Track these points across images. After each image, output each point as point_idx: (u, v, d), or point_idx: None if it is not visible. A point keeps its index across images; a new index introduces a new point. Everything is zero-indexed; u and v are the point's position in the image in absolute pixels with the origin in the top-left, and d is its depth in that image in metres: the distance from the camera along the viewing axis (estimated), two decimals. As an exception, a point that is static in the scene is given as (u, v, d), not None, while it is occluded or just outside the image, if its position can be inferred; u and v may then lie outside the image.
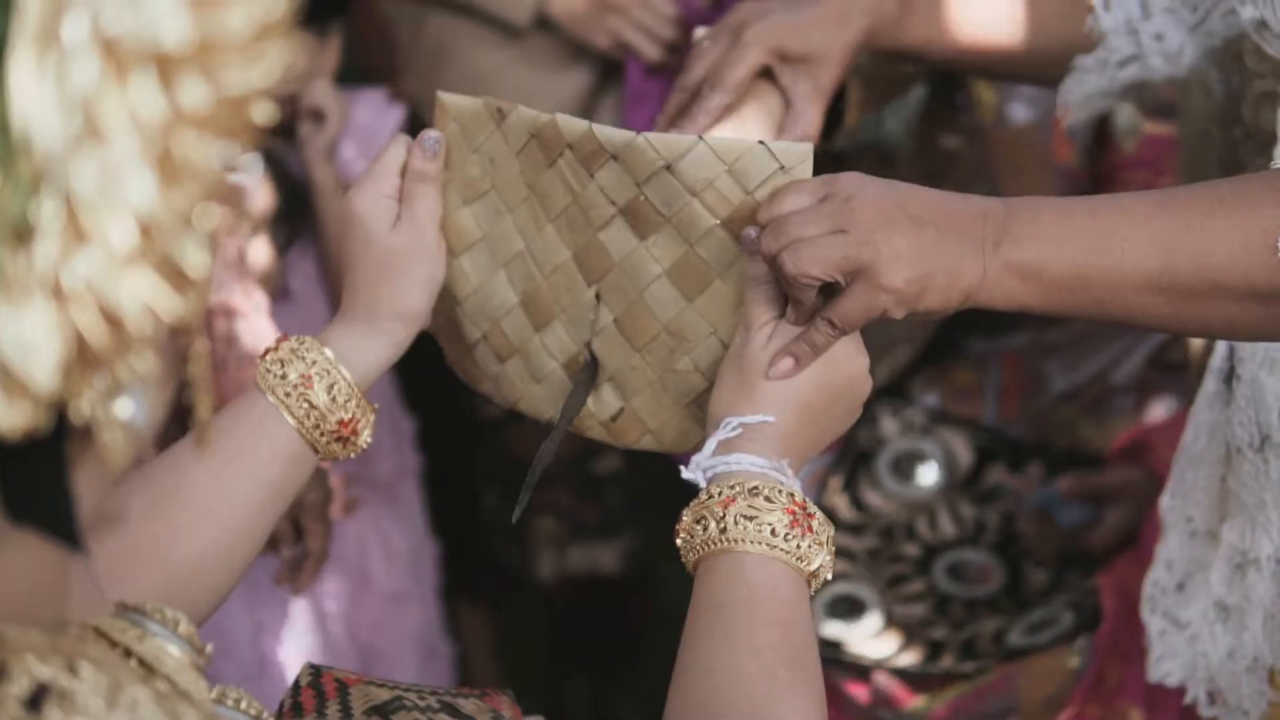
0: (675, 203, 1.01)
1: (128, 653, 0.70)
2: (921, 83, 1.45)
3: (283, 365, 1.02)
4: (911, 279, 0.92)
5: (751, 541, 0.90)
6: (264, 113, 0.55)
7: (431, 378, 2.07)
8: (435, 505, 2.13)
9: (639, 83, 2.02)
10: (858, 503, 1.81)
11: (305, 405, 1.02)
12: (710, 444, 0.95)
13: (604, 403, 1.10)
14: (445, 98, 1.11)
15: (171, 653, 0.72)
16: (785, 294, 0.97)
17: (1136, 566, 1.43)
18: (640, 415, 1.09)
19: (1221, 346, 1.24)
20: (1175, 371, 1.78)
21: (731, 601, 0.89)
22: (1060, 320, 1.83)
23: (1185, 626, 1.28)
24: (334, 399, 1.03)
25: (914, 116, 1.51)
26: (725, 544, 0.90)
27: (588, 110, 2.07)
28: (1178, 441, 1.31)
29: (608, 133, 1.01)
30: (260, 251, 1.80)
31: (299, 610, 1.87)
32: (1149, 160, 1.78)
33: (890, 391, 1.87)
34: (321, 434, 1.03)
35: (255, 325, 1.52)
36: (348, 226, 1.07)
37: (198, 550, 1.00)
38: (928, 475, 1.83)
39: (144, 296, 0.53)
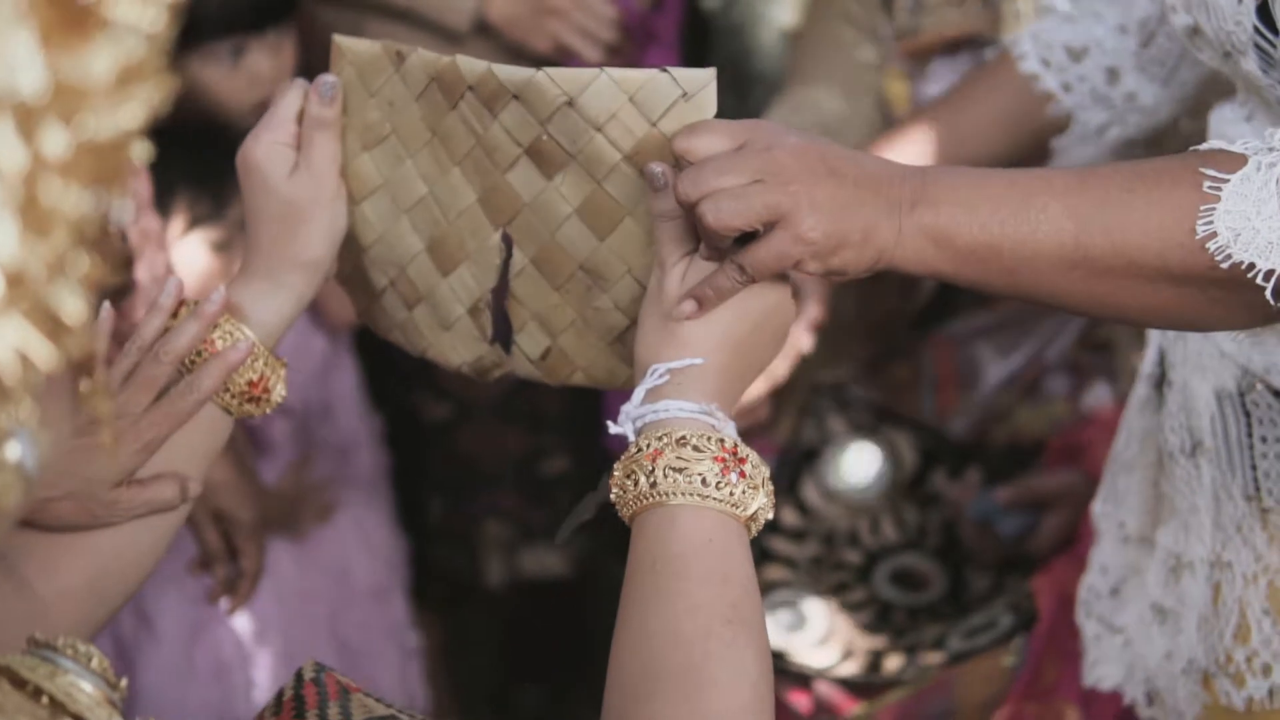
0: (579, 139, 0.98)
1: (38, 691, 0.69)
2: None
3: None
4: (830, 232, 0.90)
5: (683, 494, 0.87)
6: (138, 153, 0.54)
7: (378, 382, 2.06)
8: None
9: (579, 86, 2.01)
10: (801, 506, 1.81)
11: None
12: (638, 393, 0.93)
13: (533, 340, 1.08)
14: (342, 41, 1.08)
15: (84, 689, 0.71)
16: (695, 228, 0.95)
17: (1073, 567, 1.43)
18: (568, 352, 1.07)
19: (1152, 352, 1.24)
20: (1104, 351, 1.78)
21: (665, 559, 0.87)
22: (987, 302, 1.83)
23: (1120, 631, 1.29)
24: None
25: None
26: (656, 498, 0.88)
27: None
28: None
29: (508, 71, 0.99)
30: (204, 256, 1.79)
31: (281, 610, 1.85)
32: None
33: (833, 388, 1.88)
34: (232, 396, 1.02)
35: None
36: (245, 177, 1.05)
37: (125, 527, 1.00)
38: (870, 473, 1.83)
39: (17, 346, 0.52)
